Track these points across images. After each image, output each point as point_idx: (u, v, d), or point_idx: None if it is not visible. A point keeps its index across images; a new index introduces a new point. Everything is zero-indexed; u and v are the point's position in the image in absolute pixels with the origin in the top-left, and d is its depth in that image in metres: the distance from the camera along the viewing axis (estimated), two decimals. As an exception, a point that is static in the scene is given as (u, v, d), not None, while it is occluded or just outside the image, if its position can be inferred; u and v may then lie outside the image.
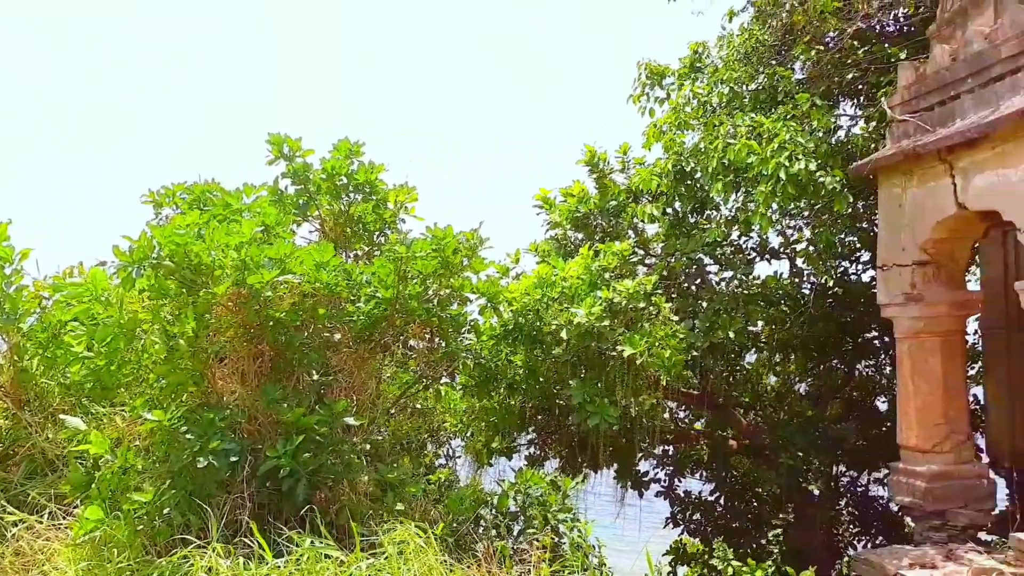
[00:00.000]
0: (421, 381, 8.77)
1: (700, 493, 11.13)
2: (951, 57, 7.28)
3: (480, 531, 7.05)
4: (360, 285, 7.52)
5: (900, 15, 9.46)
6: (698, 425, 10.96)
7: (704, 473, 11.15)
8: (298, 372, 6.88)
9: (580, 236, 10.51)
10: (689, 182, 9.74)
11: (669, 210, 10.08)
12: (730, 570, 6.70)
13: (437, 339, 8.49)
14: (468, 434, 10.19)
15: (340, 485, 6.49)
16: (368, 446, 7.41)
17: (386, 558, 5.36)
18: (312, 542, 5.36)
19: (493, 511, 7.49)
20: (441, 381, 9.16)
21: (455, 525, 6.64)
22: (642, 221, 10.08)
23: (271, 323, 6.52)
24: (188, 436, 5.69)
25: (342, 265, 7.32)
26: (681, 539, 11.12)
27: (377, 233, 8.71)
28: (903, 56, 8.53)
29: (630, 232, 10.29)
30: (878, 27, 9.33)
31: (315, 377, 7.04)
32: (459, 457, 10.47)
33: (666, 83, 10.82)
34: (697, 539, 10.99)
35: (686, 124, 10.14)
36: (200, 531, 5.44)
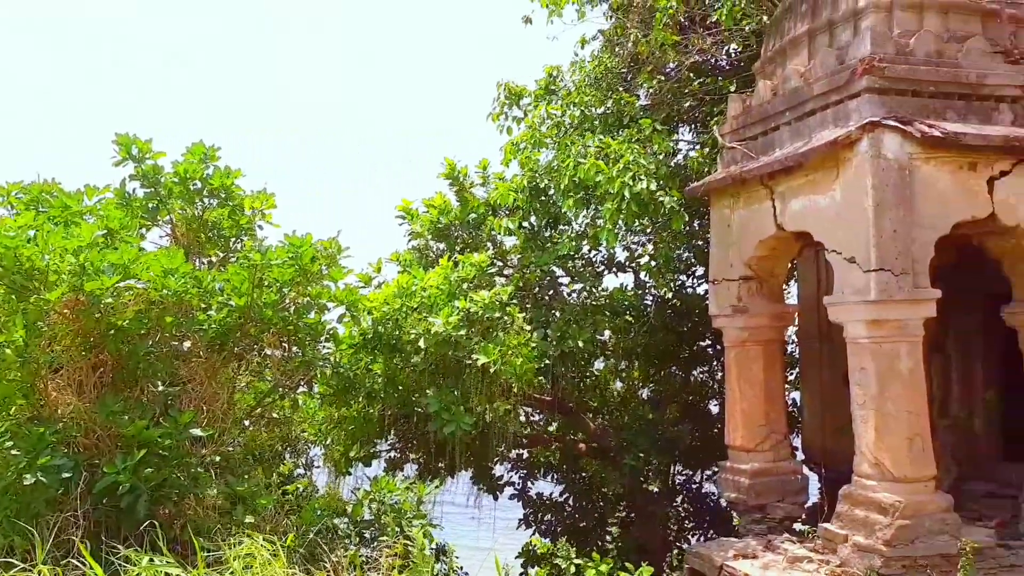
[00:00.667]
0: (277, 390, 8.49)
1: (551, 495, 11.40)
2: (772, 92, 7.81)
3: (334, 541, 6.89)
4: (212, 293, 7.19)
5: (732, 51, 10.12)
6: (551, 429, 11.22)
7: (555, 475, 11.43)
8: (142, 383, 6.50)
9: (442, 246, 10.55)
10: (544, 198, 10.00)
11: (525, 224, 10.30)
12: (572, 568, 6.89)
13: (294, 348, 8.27)
14: (327, 443, 9.95)
15: (186, 500, 6.18)
16: (218, 458, 7.09)
17: (231, 573, 5.13)
18: (152, 560, 5.05)
19: (347, 520, 7.36)
20: (298, 390, 8.92)
21: (309, 536, 6.46)
22: (500, 234, 10.24)
23: (112, 332, 6.12)
24: (14, 452, 5.24)
25: (192, 272, 6.99)
26: (532, 540, 11.32)
27: (233, 239, 8.38)
28: (733, 88, 9.13)
29: (489, 244, 10.42)
30: (713, 61, 9.94)
31: (161, 388, 6.67)
32: (318, 466, 10.20)
33: (523, 103, 11.09)
34: (547, 539, 11.22)
35: (541, 143, 10.40)
36: (26, 553, 5.01)
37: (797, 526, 8.22)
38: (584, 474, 11.29)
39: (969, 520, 7.18)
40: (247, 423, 8.57)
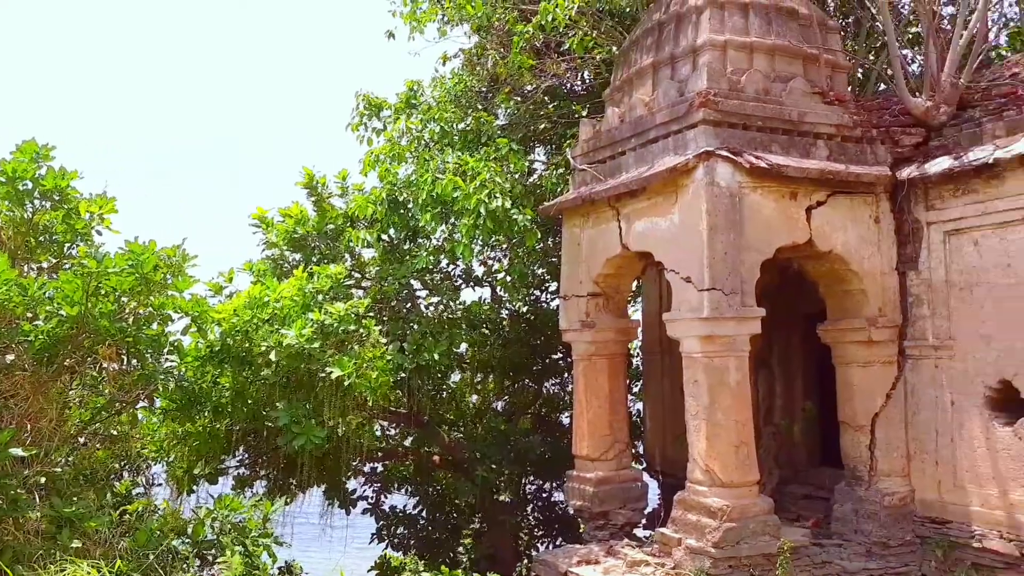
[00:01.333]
0: (114, 405, 8.02)
1: (405, 508, 11.36)
2: (620, 119, 8.21)
3: (174, 563, 6.57)
4: (40, 301, 6.72)
5: (585, 77, 10.56)
6: (406, 443, 11.19)
7: (409, 488, 11.40)
8: (-47, 399, 5.97)
9: (298, 257, 10.32)
10: (402, 211, 10.01)
11: (384, 236, 10.26)
12: (419, 580, 6.93)
13: (134, 360, 7.85)
14: (169, 460, 9.47)
15: (4, 524, 5.73)
16: (43, 479, 6.61)
17: (49, 601, 4.80)
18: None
19: (188, 541, 7.03)
20: (138, 405, 8.45)
21: (145, 558, 6.13)
22: (358, 246, 10.15)
23: (-82, 344, 5.60)
24: None
25: (16, 278, 6.51)
26: (386, 554, 11.23)
27: (68, 245, 7.86)
28: (585, 113, 9.53)
29: (347, 256, 10.31)
30: (568, 85, 10.34)
31: (-24, 404, 6.16)
32: (159, 485, 9.69)
33: (383, 115, 11.06)
34: (401, 553, 11.17)
35: (401, 156, 10.42)
36: None
37: (638, 531, 8.63)
38: (438, 486, 11.34)
39: (788, 520, 7.79)
40: (81, 440, 8.05)
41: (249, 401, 8.36)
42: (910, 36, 9.62)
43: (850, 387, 7.62)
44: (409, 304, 10.07)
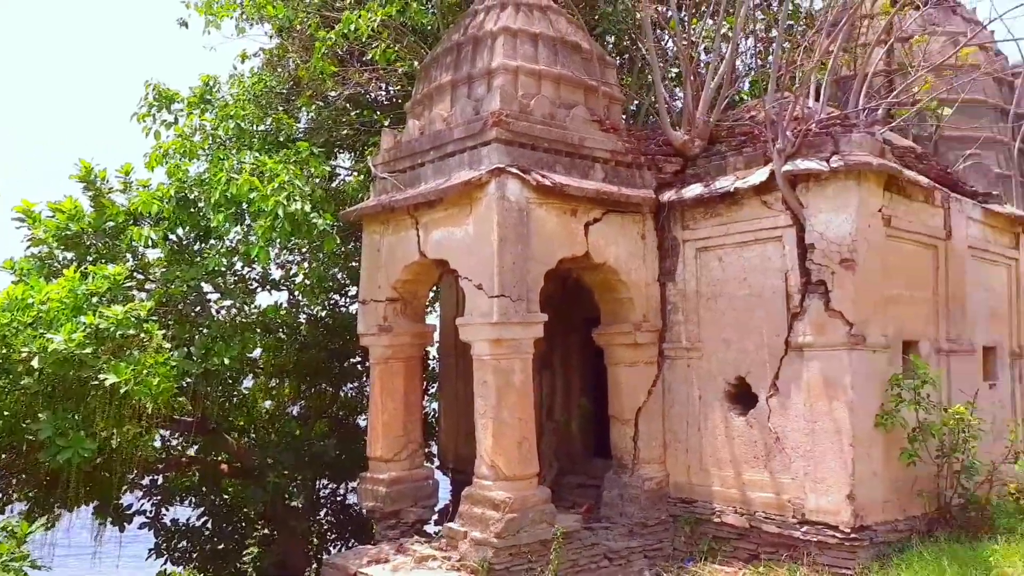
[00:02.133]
0: None
1: (189, 520, 10.92)
2: (420, 131, 8.61)
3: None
4: None
5: (389, 88, 10.86)
6: (191, 451, 10.78)
7: (194, 499, 10.98)
8: None
9: (70, 256, 9.61)
10: (193, 210, 9.69)
11: (172, 236, 9.85)
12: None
13: None
14: None
15: None
16: None
17: None
18: None
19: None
20: None
21: None
22: (142, 245, 9.67)
23: None
24: None
25: None
26: (164, 570, 10.71)
27: None
28: (388, 123, 9.84)
29: (129, 255, 9.77)
30: (372, 94, 10.57)
31: None
32: None
33: (175, 108, 10.64)
34: (182, 567, 10.72)
35: (192, 153, 10.10)
36: None
37: (430, 528, 9.02)
38: (226, 496, 11.02)
39: (565, 508, 8.55)
40: None
41: (5, 413, 7.71)
42: (673, 76, 10.91)
43: (619, 385, 8.54)
44: (199, 307, 9.76)
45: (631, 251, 8.43)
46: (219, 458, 10.64)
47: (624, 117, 9.55)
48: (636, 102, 10.58)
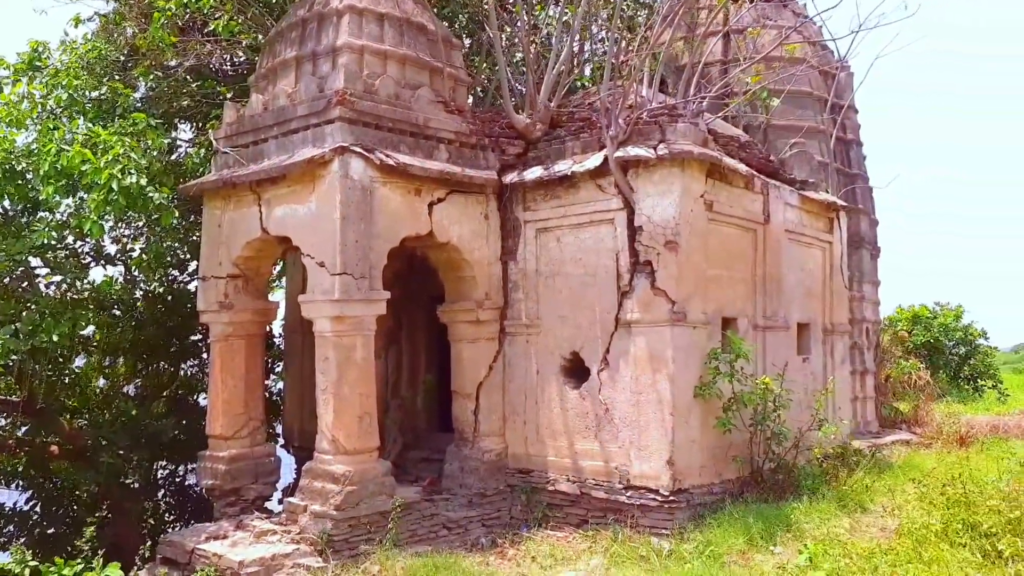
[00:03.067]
0: None
1: (16, 504, 10.53)
2: (264, 106, 8.56)
3: None
4: None
5: (234, 59, 10.72)
6: (19, 433, 10.38)
7: (21, 483, 10.58)
8: None
9: None
10: (20, 182, 9.28)
11: (-4, 207, 9.43)
12: (27, 572, 6.66)
13: None
14: None
15: None
16: None
17: None
18: None
19: None
20: None
21: None
22: (-39, 216, 9.21)
23: None
24: None
25: None
26: (-12, 557, 10.30)
27: None
28: (231, 96, 9.74)
29: (-57, 228, 9.28)
30: (215, 65, 10.41)
31: None
32: None
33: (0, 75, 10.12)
34: (8, 554, 10.31)
35: (20, 122, 9.61)
36: None
37: (271, 505, 9.14)
38: (57, 479, 10.68)
39: (408, 482, 8.85)
40: None
41: None
42: (519, 60, 11.33)
43: (461, 361, 8.91)
44: (25, 283, 9.40)
45: (474, 231, 8.78)
46: (48, 440, 10.30)
47: (471, 99, 9.91)
48: (485, 84, 10.93)
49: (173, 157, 9.89)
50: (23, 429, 10.33)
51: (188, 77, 9.78)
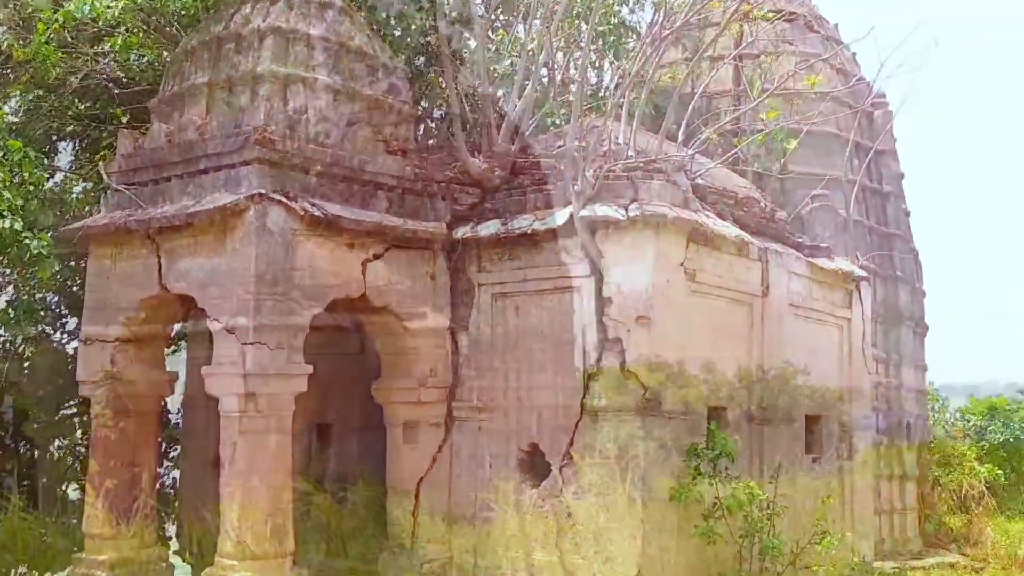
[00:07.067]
0: None
1: None
2: (168, 139, 9.66)
3: None
4: None
5: (130, 79, 11.69)
6: None
7: None
8: None
9: None
10: None
11: None
12: None
13: None
14: None
15: None
16: None
17: None
18: None
19: None
20: None
21: None
22: None
23: None
24: None
25: None
26: None
27: None
28: (127, 121, 10.86)
29: None
30: (107, 84, 11.50)
31: None
32: None
33: None
34: None
35: None
36: None
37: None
38: None
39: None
40: None
41: None
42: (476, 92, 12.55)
43: (399, 449, 10.08)
44: None
45: (418, 294, 10.01)
46: None
47: (422, 132, 11.18)
48: (438, 120, 12.10)
49: (50, 185, 10.86)
50: None
51: (76, 101, 10.84)
